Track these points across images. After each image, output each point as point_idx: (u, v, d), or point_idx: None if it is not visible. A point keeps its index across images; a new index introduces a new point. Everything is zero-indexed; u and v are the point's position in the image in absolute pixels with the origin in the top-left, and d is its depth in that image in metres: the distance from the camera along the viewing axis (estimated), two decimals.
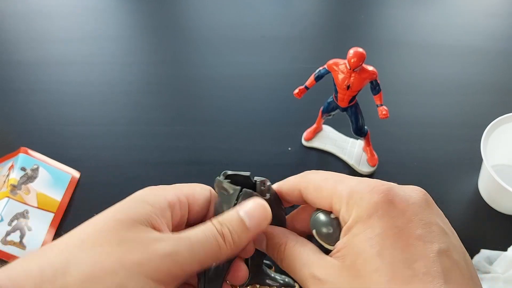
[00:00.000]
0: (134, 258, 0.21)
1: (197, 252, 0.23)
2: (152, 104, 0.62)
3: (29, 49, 0.70)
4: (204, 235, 0.23)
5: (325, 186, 0.25)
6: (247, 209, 0.25)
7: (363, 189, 0.23)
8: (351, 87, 0.44)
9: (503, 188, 0.43)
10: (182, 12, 0.76)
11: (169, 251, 0.22)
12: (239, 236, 0.24)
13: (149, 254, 0.21)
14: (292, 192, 0.27)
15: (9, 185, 0.49)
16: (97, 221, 0.23)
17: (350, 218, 0.22)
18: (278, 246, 0.25)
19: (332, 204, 0.24)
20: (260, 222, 0.25)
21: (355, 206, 0.22)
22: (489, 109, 0.58)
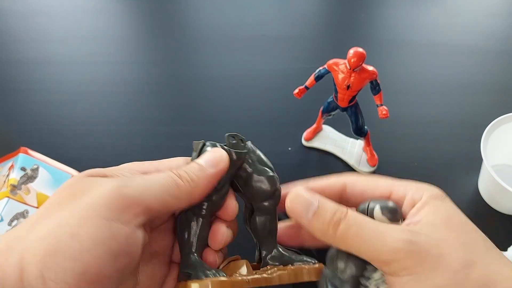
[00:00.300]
0: (86, 201, 0.21)
1: (151, 187, 0.23)
2: (153, 104, 0.62)
3: (29, 48, 0.70)
4: (160, 174, 0.25)
5: (379, 179, 0.28)
6: (203, 157, 0.27)
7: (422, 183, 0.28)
8: (351, 87, 0.44)
9: (503, 188, 0.43)
10: (182, 12, 0.76)
11: (116, 185, 0.22)
12: (195, 174, 0.25)
13: (99, 193, 0.21)
14: (333, 185, 0.28)
15: (9, 185, 0.49)
16: None
17: (424, 196, 0.26)
18: (335, 212, 0.24)
19: (393, 192, 0.27)
20: (215, 162, 0.26)
21: (425, 190, 0.26)
22: (489, 109, 0.58)
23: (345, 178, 0.28)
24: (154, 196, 0.23)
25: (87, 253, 0.19)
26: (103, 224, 0.20)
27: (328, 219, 0.24)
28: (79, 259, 0.19)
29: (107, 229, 0.20)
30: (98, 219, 0.20)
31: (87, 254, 0.19)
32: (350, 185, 0.28)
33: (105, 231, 0.20)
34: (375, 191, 0.27)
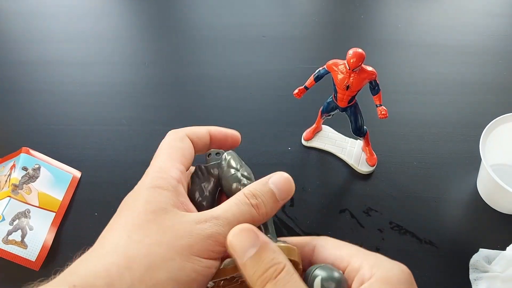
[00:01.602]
0: (183, 243, 0.23)
1: (231, 224, 0.24)
2: (153, 104, 0.62)
3: (31, 49, 0.70)
4: (240, 210, 0.25)
5: (346, 246, 0.26)
6: (276, 181, 0.26)
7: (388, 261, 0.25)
8: (350, 87, 0.44)
9: (502, 188, 0.43)
10: (183, 12, 0.77)
11: (211, 233, 0.24)
12: (271, 208, 0.26)
13: (194, 238, 0.24)
14: (306, 245, 0.28)
15: (11, 184, 0.49)
16: (131, 216, 0.25)
17: (373, 277, 0.23)
18: (273, 264, 0.23)
19: (351, 262, 0.25)
20: (287, 194, 0.26)
21: (379, 269, 0.24)
22: (488, 108, 0.58)
23: (317, 240, 0.27)
24: None
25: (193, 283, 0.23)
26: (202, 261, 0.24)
27: (260, 272, 0.23)
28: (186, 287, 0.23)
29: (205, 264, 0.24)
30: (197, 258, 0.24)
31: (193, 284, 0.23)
32: (318, 248, 0.27)
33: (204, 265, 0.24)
34: (336, 259, 0.26)
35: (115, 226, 0.25)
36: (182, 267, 0.23)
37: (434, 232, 0.48)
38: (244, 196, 0.25)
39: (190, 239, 0.23)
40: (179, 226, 0.24)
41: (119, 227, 0.24)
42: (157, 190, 0.25)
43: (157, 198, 0.25)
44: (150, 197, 0.25)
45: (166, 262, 0.23)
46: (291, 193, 0.26)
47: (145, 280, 0.22)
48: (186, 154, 0.29)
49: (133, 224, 0.24)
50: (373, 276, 0.23)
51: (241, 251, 0.23)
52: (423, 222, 0.49)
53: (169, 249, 0.23)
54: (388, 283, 0.23)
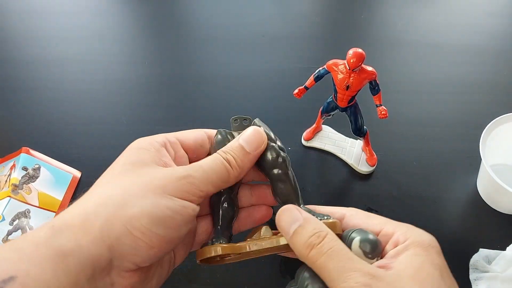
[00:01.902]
0: (157, 183, 0.25)
1: (209, 175, 0.27)
2: (153, 104, 0.62)
3: (31, 48, 0.70)
4: (213, 161, 0.28)
5: (376, 217, 0.28)
6: (244, 136, 0.30)
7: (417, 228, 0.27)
8: (350, 87, 0.44)
9: (502, 188, 0.43)
10: (183, 12, 0.77)
11: (184, 174, 0.26)
12: (241, 160, 0.29)
13: (168, 179, 0.26)
14: (335, 213, 0.29)
15: (11, 184, 0.49)
16: (113, 168, 0.28)
17: (408, 240, 0.25)
18: (316, 232, 0.25)
19: (383, 229, 0.27)
20: (257, 144, 0.29)
21: (412, 235, 0.26)
22: (488, 108, 0.58)
23: (347, 210, 0.30)
24: (211, 184, 0.27)
25: (168, 220, 0.24)
26: (177, 201, 0.25)
27: (304, 240, 0.25)
28: (162, 224, 0.24)
29: (180, 204, 0.25)
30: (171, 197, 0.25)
31: (168, 221, 0.24)
32: (348, 217, 0.29)
33: (179, 205, 0.25)
34: (368, 226, 0.27)
35: (98, 180, 0.27)
36: (156, 203, 0.24)
37: (434, 232, 0.47)
38: (217, 153, 0.29)
39: (164, 180, 0.25)
40: (155, 172, 0.26)
41: (101, 179, 0.27)
42: (139, 150, 0.28)
43: (137, 155, 0.28)
44: (131, 154, 0.28)
45: (140, 199, 0.24)
46: (261, 144, 0.30)
47: (119, 215, 0.24)
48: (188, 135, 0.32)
49: (112, 174, 0.27)
50: (408, 239, 0.25)
51: (286, 227, 0.26)
52: (423, 222, 0.48)
53: (142, 188, 0.25)
54: (421, 246, 0.25)
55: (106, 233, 0.23)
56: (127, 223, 0.23)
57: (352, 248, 0.25)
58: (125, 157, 0.28)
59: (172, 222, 0.25)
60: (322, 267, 0.24)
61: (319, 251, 0.24)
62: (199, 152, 0.32)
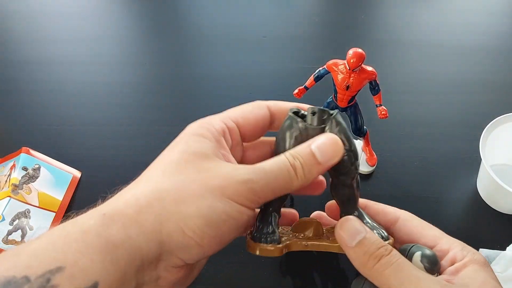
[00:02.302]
0: (216, 183, 0.24)
1: (271, 182, 0.25)
2: (154, 104, 0.62)
3: (31, 49, 0.70)
4: (278, 167, 0.26)
5: (431, 228, 0.28)
6: (319, 144, 0.26)
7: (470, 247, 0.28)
8: (350, 87, 0.44)
9: (502, 188, 0.43)
10: (183, 13, 0.77)
11: (246, 179, 0.24)
12: (309, 170, 0.26)
13: (228, 180, 0.24)
14: (387, 214, 0.29)
15: (11, 184, 0.49)
16: (171, 156, 0.26)
17: (466, 258, 0.26)
18: (380, 247, 0.25)
19: (439, 244, 0.27)
20: (331, 156, 0.26)
21: (469, 253, 0.26)
22: (488, 108, 0.58)
23: (401, 213, 0.30)
24: (271, 191, 0.25)
25: (222, 223, 0.24)
26: (234, 205, 0.24)
27: (372, 250, 0.25)
28: (215, 226, 0.23)
29: (237, 209, 0.24)
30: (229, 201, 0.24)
31: (222, 224, 0.24)
32: (402, 222, 0.29)
33: (236, 210, 0.24)
34: (422, 237, 0.28)
35: (153, 165, 0.26)
36: (213, 206, 0.23)
37: None
38: (284, 156, 0.26)
39: (224, 181, 0.24)
40: (215, 169, 0.25)
41: (156, 165, 0.25)
42: (199, 137, 0.26)
43: (198, 143, 0.26)
44: (191, 141, 0.26)
45: (197, 198, 0.23)
46: (337, 155, 0.26)
47: (173, 211, 0.23)
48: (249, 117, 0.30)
49: (170, 162, 0.25)
50: (465, 257, 0.26)
51: (350, 238, 0.26)
52: None
53: (201, 187, 0.24)
54: (479, 263, 0.26)
55: (158, 228, 0.23)
56: (181, 222, 0.23)
57: (413, 262, 0.26)
58: (184, 143, 0.26)
59: (226, 226, 0.24)
60: (390, 278, 0.24)
61: (388, 262, 0.24)
62: (258, 135, 0.31)
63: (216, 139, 0.27)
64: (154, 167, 0.26)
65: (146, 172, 0.26)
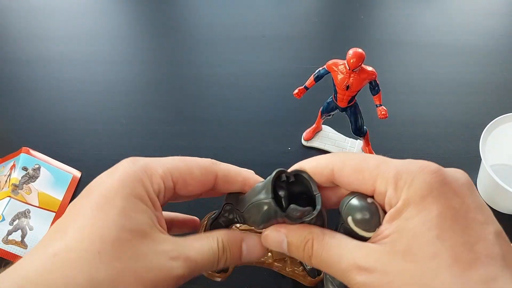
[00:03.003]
0: (151, 277, 0.22)
1: (197, 271, 0.25)
2: (153, 103, 0.62)
3: (31, 47, 0.70)
4: (208, 258, 0.25)
5: (367, 167, 0.22)
6: (250, 245, 0.26)
7: (412, 169, 0.21)
8: (350, 87, 0.44)
9: (502, 188, 0.43)
10: (182, 11, 0.77)
11: (178, 275, 0.23)
12: (231, 263, 0.26)
13: (163, 275, 0.23)
14: (321, 172, 0.24)
15: (11, 184, 0.49)
16: (104, 225, 0.22)
17: (400, 200, 0.20)
18: (304, 244, 0.24)
19: (376, 186, 0.22)
20: (254, 256, 0.27)
21: (405, 187, 0.20)
22: (488, 108, 0.58)
23: (333, 163, 0.24)
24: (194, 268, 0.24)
25: None
26: None
27: (301, 249, 0.24)
28: None
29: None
30: None
31: None
32: (338, 173, 0.24)
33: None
34: (362, 184, 0.23)
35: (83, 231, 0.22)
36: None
37: None
38: (216, 247, 0.25)
39: (158, 276, 0.22)
40: (152, 257, 0.22)
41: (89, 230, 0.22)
42: (138, 203, 0.23)
43: (137, 214, 0.23)
44: (130, 210, 0.23)
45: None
46: (259, 257, 0.27)
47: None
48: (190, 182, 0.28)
49: (104, 240, 0.21)
50: (400, 198, 0.20)
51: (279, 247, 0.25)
52: None
53: (135, 280, 0.22)
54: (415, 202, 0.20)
55: None
56: None
57: (350, 227, 0.23)
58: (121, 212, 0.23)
59: None
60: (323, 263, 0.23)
61: (316, 252, 0.23)
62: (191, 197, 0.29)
63: (153, 202, 0.24)
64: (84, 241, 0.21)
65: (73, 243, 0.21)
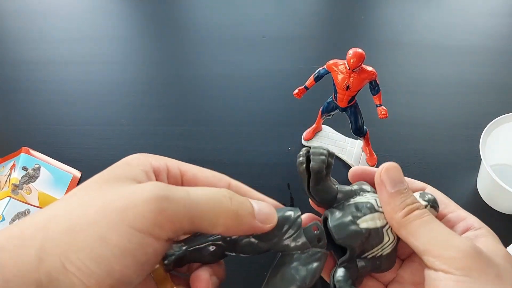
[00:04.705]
0: (116, 204, 0.20)
1: (192, 205, 0.20)
2: (153, 104, 0.62)
3: (31, 48, 0.70)
4: (210, 192, 0.22)
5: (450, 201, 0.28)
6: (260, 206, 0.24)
7: None
8: (350, 87, 0.44)
9: (502, 188, 0.43)
10: (183, 12, 0.77)
11: (156, 195, 0.20)
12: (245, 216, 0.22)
13: (133, 200, 0.20)
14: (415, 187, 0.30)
15: (11, 184, 0.49)
16: (84, 183, 0.22)
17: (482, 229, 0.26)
18: (417, 204, 0.25)
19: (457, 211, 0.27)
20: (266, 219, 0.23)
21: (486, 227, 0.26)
22: (488, 109, 0.58)
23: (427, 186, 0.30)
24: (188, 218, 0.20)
25: (114, 260, 0.19)
26: (135, 235, 0.19)
27: (408, 202, 0.25)
28: (105, 264, 0.19)
29: (137, 241, 0.19)
30: (129, 229, 0.19)
31: (113, 261, 0.19)
32: None
33: (135, 242, 0.19)
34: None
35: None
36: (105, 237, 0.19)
37: None
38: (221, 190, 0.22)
39: (126, 200, 0.20)
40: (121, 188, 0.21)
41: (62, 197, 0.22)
42: (122, 165, 0.23)
43: (115, 170, 0.23)
44: (110, 169, 0.23)
45: (88, 226, 0.19)
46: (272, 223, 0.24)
47: (56, 243, 0.19)
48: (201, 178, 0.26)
49: (77, 188, 0.22)
50: (483, 227, 0.25)
51: (391, 183, 0.25)
52: None
53: (97, 211, 0.19)
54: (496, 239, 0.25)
55: (35, 266, 0.18)
56: (63, 255, 0.19)
57: None
58: (102, 172, 0.22)
59: (121, 264, 0.19)
60: (421, 229, 0.24)
61: (421, 214, 0.24)
62: None
63: (143, 170, 0.23)
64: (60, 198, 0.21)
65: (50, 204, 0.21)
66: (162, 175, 0.24)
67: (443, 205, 0.27)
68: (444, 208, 0.27)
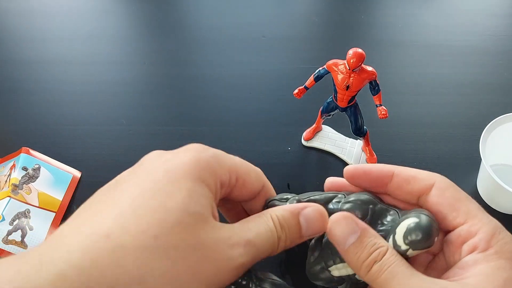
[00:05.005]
0: (208, 270, 0.20)
1: (257, 257, 0.22)
2: (153, 104, 0.62)
3: (30, 48, 0.70)
4: (267, 238, 0.23)
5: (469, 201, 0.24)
6: (308, 216, 0.24)
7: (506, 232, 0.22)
8: (350, 87, 0.44)
9: (502, 188, 0.43)
10: (182, 12, 0.77)
11: (242, 263, 0.21)
12: (291, 242, 0.24)
13: (223, 268, 0.21)
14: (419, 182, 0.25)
15: (11, 184, 0.49)
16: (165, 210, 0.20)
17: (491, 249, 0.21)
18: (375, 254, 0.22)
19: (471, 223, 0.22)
20: (315, 231, 0.24)
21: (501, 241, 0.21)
22: (488, 109, 0.58)
23: (437, 178, 0.26)
24: None
25: None
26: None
27: (364, 256, 0.22)
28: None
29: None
30: None
31: None
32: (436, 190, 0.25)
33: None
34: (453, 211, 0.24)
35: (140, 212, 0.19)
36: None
37: None
38: (273, 224, 0.23)
39: (216, 268, 0.20)
40: (212, 245, 0.20)
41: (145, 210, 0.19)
42: (202, 187, 0.21)
43: (200, 197, 0.21)
44: (194, 193, 0.21)
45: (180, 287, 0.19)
46: (321, 231, 0.24)
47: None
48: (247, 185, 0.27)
49: (164, 223, 0.19)
50: (492, 247, 0.21)
51: (342, 239, 0.23)
52: None
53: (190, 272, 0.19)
54: (509, 258, 0.21)
55: None
56: None
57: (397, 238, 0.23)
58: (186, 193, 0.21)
59: None
60: (382, 285, 0.22)
61: (380, 269, 0.22)
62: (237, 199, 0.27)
63: (215, 191, 0.23)
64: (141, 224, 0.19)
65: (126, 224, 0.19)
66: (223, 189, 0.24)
67: (454, 213, 0.23)
68: (454, 219, 0.23)
